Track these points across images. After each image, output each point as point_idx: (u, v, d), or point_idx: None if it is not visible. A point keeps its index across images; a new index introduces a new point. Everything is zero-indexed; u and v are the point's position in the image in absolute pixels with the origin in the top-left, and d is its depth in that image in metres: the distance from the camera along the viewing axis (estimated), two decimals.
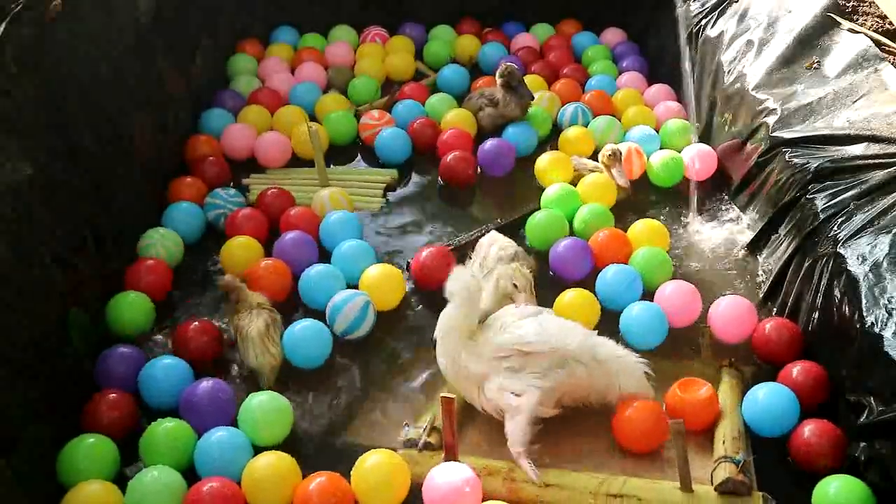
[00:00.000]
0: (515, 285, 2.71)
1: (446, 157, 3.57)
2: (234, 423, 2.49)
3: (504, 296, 2.72)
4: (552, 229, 3.20)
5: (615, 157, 3.45)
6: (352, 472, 2.31)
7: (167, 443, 2.38)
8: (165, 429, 2.41)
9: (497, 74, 3.78)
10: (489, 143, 3.64)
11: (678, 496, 2.25)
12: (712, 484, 2.28)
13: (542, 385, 2.39)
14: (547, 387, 2.40)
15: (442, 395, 2.30)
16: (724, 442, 2.38)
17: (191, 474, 2.34)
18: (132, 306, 2.83)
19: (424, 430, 2.45)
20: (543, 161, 3.57)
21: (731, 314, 2.82)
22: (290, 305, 2.96)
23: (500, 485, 2.33)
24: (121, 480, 2.31)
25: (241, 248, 3.07)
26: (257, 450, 2.41)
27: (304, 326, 2.75)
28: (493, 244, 2.98)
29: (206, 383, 2.53)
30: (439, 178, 3.63)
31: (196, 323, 2.77)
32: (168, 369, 2.59)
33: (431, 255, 3.03)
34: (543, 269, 3.10)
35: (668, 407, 2.50)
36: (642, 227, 3.20)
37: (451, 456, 2.35)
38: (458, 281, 2.48)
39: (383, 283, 2.95)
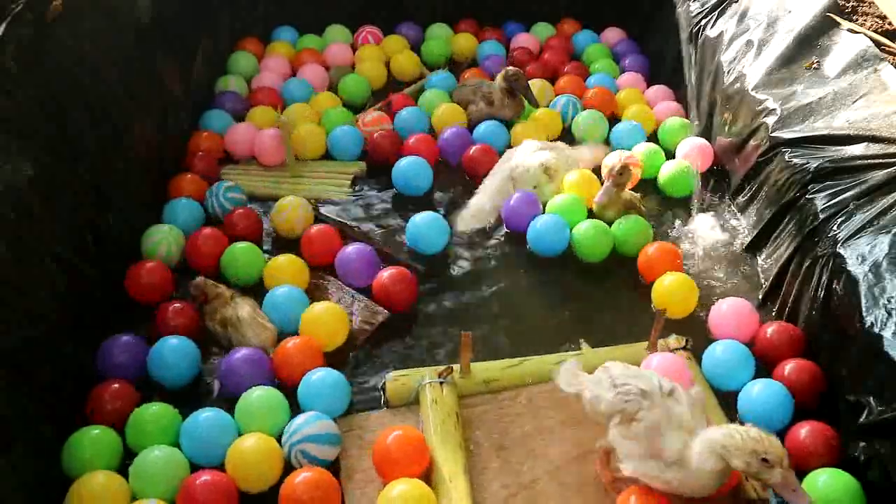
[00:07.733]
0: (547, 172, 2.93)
1: (470, 149, 3.58)
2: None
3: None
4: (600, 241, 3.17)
5: (624, 172, 3.18)
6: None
7: (153, 423, 2.41)
8: (152, 412, 2.43)
9: (500, 77, 3.73)
10: (448, 132, 3.66)
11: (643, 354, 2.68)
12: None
13: None
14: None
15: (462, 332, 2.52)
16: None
17: None
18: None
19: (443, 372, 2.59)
20: (517, 132, 3.68)
21: (732, 316, 2.82)
22: None
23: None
24: (126, 471, 2.33)
25: (293, 211, 3.21)
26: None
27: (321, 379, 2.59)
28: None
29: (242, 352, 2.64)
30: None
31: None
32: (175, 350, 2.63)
33: (392, 278, 2.93)
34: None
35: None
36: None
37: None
38: None
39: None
